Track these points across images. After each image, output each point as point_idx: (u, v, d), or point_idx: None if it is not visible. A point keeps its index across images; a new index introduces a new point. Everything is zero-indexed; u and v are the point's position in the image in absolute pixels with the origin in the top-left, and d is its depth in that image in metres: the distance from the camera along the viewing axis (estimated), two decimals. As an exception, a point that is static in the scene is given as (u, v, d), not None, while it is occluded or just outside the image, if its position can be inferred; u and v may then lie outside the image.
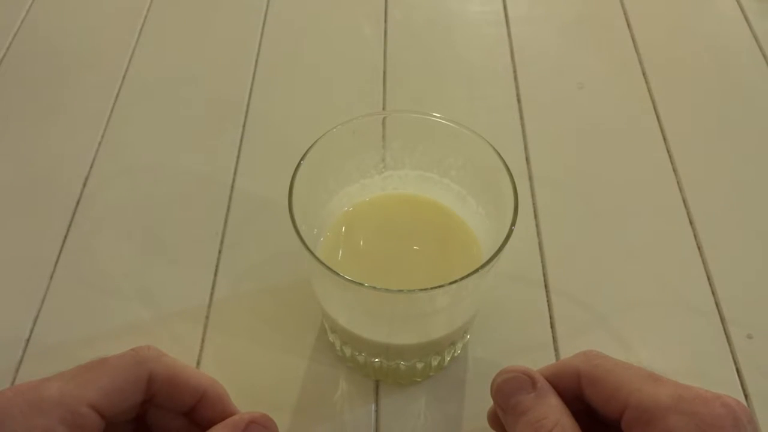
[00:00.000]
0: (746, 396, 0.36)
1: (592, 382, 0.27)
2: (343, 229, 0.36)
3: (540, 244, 0.42)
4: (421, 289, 0.28)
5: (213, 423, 0.28)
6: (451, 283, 0.28)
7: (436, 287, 0.28)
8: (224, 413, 0.29)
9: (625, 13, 0.56)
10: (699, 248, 0.42)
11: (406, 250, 0.36)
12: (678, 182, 0.45)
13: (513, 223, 0.30)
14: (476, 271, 0.28)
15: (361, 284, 0.28)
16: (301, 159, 0.32)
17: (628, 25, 0.55)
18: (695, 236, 0.42)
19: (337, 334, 0.35)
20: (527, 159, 0.46)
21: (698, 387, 0.25)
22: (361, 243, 0.36)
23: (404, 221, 0.37)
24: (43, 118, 0.48)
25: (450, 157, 0.36)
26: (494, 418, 0.30)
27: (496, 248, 0.29)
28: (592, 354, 0.28)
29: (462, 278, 0.28)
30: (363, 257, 0.36)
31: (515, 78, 0.51)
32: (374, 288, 0.28)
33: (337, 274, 0.28)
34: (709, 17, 0.57)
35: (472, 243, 0.36)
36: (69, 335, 0.38)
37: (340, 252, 0.36)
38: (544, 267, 0.41)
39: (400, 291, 0.28)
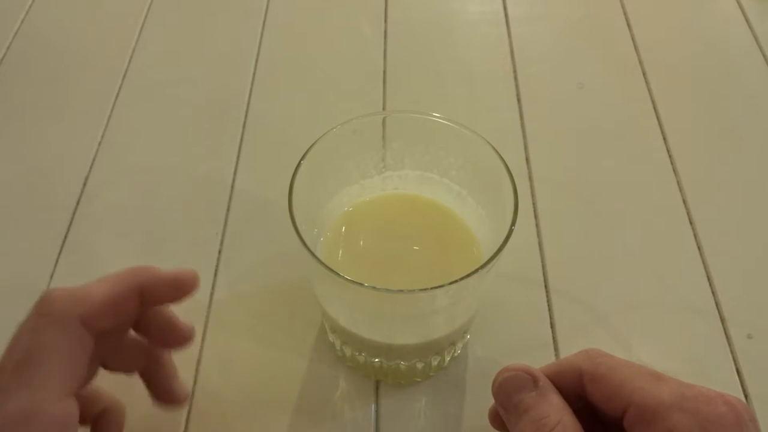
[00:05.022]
0: (746, 396, 0.36)
1: (594, 380, 0.27)
2: (343, 229, 0.36)
3: (540, 244, 0.42)
4: (421, 289, 0.28)
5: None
6: (451, 283, 0.28)
7: (436, 287, 0.28)
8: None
9: (625, 13, 0.56)
10: (699, 248, 0.42)
11: (406, 250, 0.36)
12: (678, 182, 0.45)
13: (513, 223, 0.30)
14: (476, 271, 0.28)
15: (361, 284, 0.28)
16: (301, 159, 0.32)
17: (628, 25, 0.55)
18: (695, 236, 0.42)
19: (337, 334, 0.35)
20: (527, 159, 0.46)
21: (701, 385, 0.25)
22: (361, 243, 0.36)
23: (404, 221, 0.37)
24: (43, 118, 0.48)
25: (450, 157, 0.36)
26: (495, 417, 0.30)
27: (496, 248, 0.29)
28: (594, 352, 0.28)
29: (462, 278, 0.28)
30: (363, 257, 0.36)
31: (515, 78, 0.51)
32: (374, 288, 0.28)
33: (337, 274, 0.28)
34: (709, 17, 0.57)
35: (472, 243, 0.36)
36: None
37: (340, 252, 0.36)
38: (544, 267, 0.41)
39: (400, 291, 0.28)
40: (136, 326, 0.30)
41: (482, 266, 0.29)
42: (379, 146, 0.36)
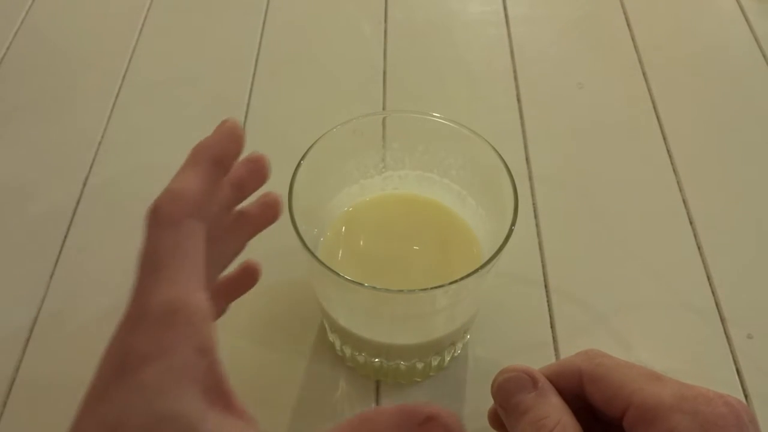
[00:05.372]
0: (746, 396, 0.36)
1: (594, 381, 0.27)
2: (343, 229, 0.36)
3: (540, 244, 0.42)
4: (421, 289, 0.28)
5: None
6: (451, 283, 0.28)
7: (436, 287, 0.28)
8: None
9: (625, 13, 0.56)
10: (699, 248, 0.42)
11: (406, 250, 0.36)
12: (678, 182, 0.45)
13: (513, 223, 0.30)
14: (476, 271, 0.28)
15: (361, 284, 0.28)
16: (301, 159, 0.32)
17: (628, 25, 0.55)
18: (695, 236, 0.42)
19: (337, 334, 0.35)
20: (527, 159, 0.46)
21: (700, 386, 0.25)
22: (361, 243, 0.36)
23: (404, 221, 0.37)
24: (44, 117, 0.48)
25: (450, 157, 0.36)
26: (495, 418, 0.30)
27: (496, 248, 0.29)
28: (593, 353, 0.28)
29: (462, 278, 0.28)
30: (363, 257, 0.36)
31: (515, 78, 0.51)
32: (374, 288, 0.28)
33: (337, 274, 0.28)
34: (709, 17, 0.57)
35: (472, 243, 0.36)
36: (69, 335, 0.38)
37: (340, 252, 0.36)
38: (544, 267, 0.41)
39: (400, 291, 0.28)
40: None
41: (482, 266, 0.29)
42: (379, 146, 0.36)
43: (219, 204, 0.30)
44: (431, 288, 0.28)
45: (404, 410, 0.23)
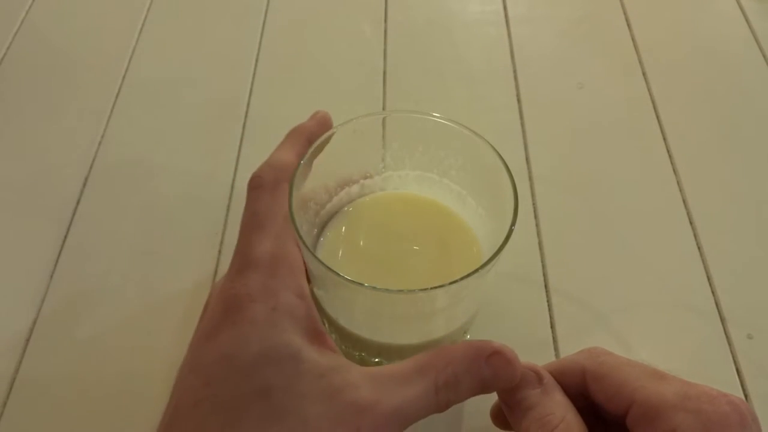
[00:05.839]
0: (746, 396, 0.36)
1: (597, 379, 0.27)
2: (343, 229, 0.36)
3: (540, 244, 0.42)
4: (421, 289, 0.28)
5: None
6: (451, 283, 0.28)
7: (436, 287, 0.28)
8: None
9: (625, 13, 0.56)
10: (699, 248, 0.42)
11: (406, 250, 0.36)
12: (678, 182, 0.45)
13: (513, 223, 0.30)
14: (476, 271, 0.28)
15: (361, 284, 0.28)
16: (301, 159, 0.32)
17: (628, 25, 0.55)
18: (695, 236, 0.42)
19: (337, 334, 0.35)
20: (527, 159, 0.46)
21: (704, 385, 0.25)
22: (361, 243, 0.36)
23: (404, 221, 0.37)
24: (43, 117, 0.48)
25: (450, 157, 0.36)
26: (498, 414, 0.30)
27: (496, 248, 0.29)
28: (596, 351, 0.28)
29: (462, 278, 0.28)
30: (363, 257, 0.36)
31: (515, 78, 0.51)
32: (374, 288, 0.28)
33: (337, 274, 0.28)
34: (709, 17, 0.57)
35: (472, 243, 0.36)
36: (69, 335, 0.38)
37: (340, 252, 0.35)
38: (544, 267, 0.41)
39: (400, 291, 0.28)
40: None
41: (482, 266, 0.29)
42: (379, 146, 0.36)
43: None
44: (431, 288, 0.28)
45: (474, 345, 0.27)
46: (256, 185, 0.30)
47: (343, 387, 0.25)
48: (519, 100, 0.50)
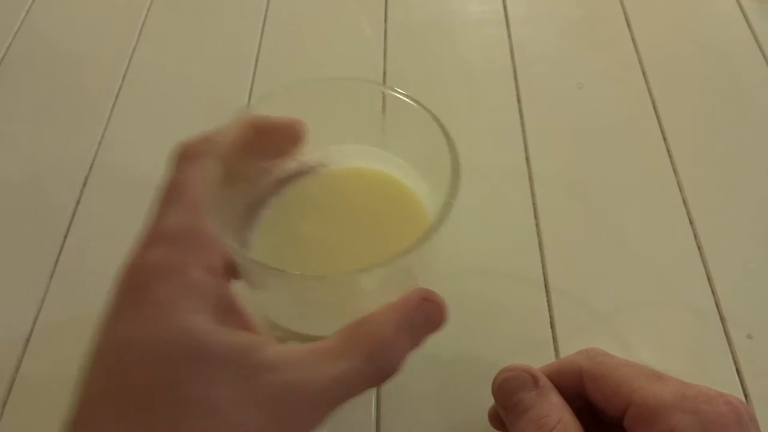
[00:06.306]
0: (746, 396, 0.36)
1: (595, 380, 0.27)
2: (279, 213, 0.32)
3: (540, 244, 0.42)
4: (346, 273, 0.25)
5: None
6: (376, 266, 0.24)
7: (361, 270, 0.24)
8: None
9: (625, 13, 0.56)
10: (699, 248, 0.42)
11: (350, 230, 0.32)
12: (678, 182, 0.45)
13: (452, 196, 0.27)
14: (405, 253, 0.25)
15: (284, 271, 0.25)
16: (222, 151, 0.28)
17: (628, 25, 0.55)
18: (695, 236, 0.42)
19: (290, 340, 0.30)
20: (527, 159, 0.46)
21: (701, 385, 0.25)
22: (303, 227, 0.32)
23: (348, 199, 0.33)
24: (43, 117, 0.48)
25: (394, 129, 0.32)
26: (495, 417, 0.30)
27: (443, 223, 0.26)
28: (594, 351, 0.28)
29: (388, 260, 0.25)
30: (304, 242, 0.31)
31: (515, 78, 0.51)
32: (301, 275, 0.25)
33: (256, 261, 0.25)
34: (709, 17, 0.57)
35: (423, 220, 0.31)
36: (69, 335, 0.38)
37: (279, 240, 0.31)
38: (544, 267, 0.41)
39: (323, 276, 0.25)
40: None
41: (414, 246, 0.25)
42: (318, 118, 0.32)
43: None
44: (355, 271, 0.24)
45: (399, 303, 0.25)
46: (179, 156, 0.28)
47: (258, 370, 0.23)
48: (519, 100, 0.50)
